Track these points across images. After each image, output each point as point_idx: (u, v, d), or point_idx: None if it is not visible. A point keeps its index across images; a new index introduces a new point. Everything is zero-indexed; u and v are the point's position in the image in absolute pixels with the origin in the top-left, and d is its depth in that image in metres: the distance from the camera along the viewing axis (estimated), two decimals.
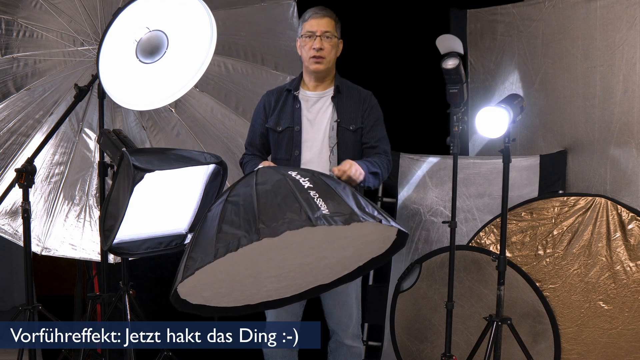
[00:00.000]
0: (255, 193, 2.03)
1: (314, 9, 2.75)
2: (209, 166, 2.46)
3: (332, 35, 2.72)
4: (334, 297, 2.77)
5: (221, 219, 2.01)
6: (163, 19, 2.49)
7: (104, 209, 2.35)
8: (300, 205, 1.97)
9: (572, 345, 3.07)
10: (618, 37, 3.26)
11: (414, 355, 3.33)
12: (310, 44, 2.71)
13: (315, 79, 2.78)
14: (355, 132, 2.75)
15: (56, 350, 3.04)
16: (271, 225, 1.91)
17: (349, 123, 2.74)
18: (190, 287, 2.16)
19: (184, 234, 2.61)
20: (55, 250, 3.06)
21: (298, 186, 2.05)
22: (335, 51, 2.75)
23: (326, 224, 1.94)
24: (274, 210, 1.96)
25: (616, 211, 3.07)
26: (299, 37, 2.77)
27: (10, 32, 2.88)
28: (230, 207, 2.04)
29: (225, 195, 2.11)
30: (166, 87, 2.60)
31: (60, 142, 3.04)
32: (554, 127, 3.56)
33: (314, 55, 2.70)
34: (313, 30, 2.71)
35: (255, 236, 1.91)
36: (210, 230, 2.02)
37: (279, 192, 2.04)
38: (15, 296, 5.11)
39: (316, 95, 2.78)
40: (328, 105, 2.76)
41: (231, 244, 1.92)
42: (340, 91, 2.77)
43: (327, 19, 2.72)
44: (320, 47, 2.70)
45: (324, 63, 2.72)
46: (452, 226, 2.72)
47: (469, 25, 3.91)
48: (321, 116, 2.76)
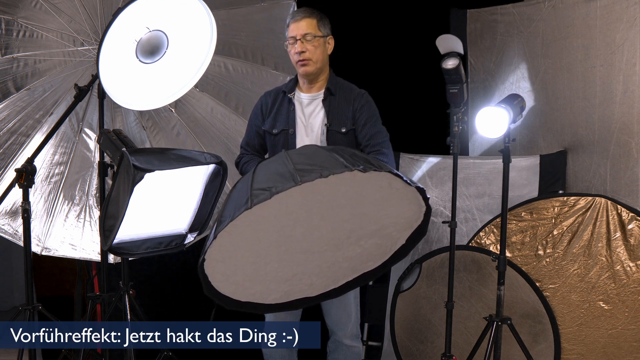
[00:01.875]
0: (287, 155, 2.06)
1: (293, 13, 2.74)
2: (209, 166, 2.46)
3: (314, 36, 2.68)
4: None
5: (252, 183, 2.00)
6: (163, 19, 2.49)
7: (104, 209, 2.35)
8: (335, 159, 1.99)
9: (572, 345, 3.07)
10: (618, 37, 3.26)
11: (414, 355, 3.33)
12: (293, 49, 2.70)
13: (308, 80, 2.77)
14: (347, 134, 2.73)
15: (56, 350, 3.05)
16: (309, 174, 1.92)
17: (339, 126, 2.72)
18: (219, 259, 2.13)
19: (184, 234, 2.61)
20: (55, 250, 3.06)
21: (328, 149, 2.13)
22: (322, 50, 2.71)
23: (363, 168, 1.96)
24: (310, 164, 1.98)
25: (616, 211, 3.07)
26: (285, 43, 2.77)
27: (10, 32, 2.88)
28: (260, 171, 2.06)
29: (250, 172, 2.10)
30: (166, 87, 2.60)
31: (60, 142, 3.04)
32: (554, 127, 3.56)
33: (299, 60, 2.70)
34: (293, 35, 2.69)
35: (292, 182, 1.90)
36: (239, 196, 2.01)
37: (310, 153, 2.09)
38: (15, 296, 5.11)
39: (309, 97, 2.77)
40: (320, 108, 2.75)
41: (267, 192, 1.90)
42: (333, 92, 2.75)
43: (305, 20, 2.68)
44: (302, 50, 2.68)
45: (311, 64, 2.70)
46: (452, 226, 2.72)
47: (469, 25, 3.91)
48: (314, 119, 2.75)
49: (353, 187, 2.10)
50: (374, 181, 2.10)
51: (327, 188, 2.04)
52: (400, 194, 2.18)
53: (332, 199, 2.12)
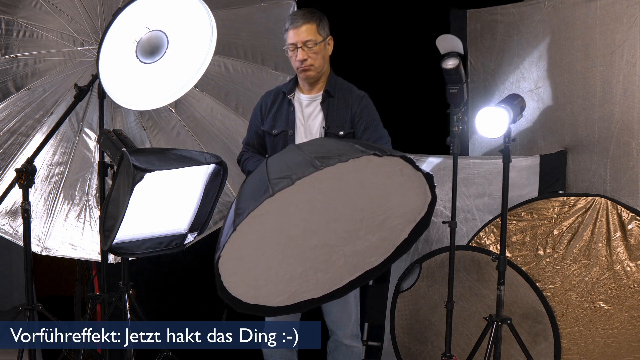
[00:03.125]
0: (298, 147, 2.05)
1: (292, 17, 2.69)
2: (209, 166, 2.46)
3: (315, 43, 2.65)
4: None
5: (267, 174, 1.94)
6: (163, 19, 2.49)
7: (104, 209, 2.35)
8: (350, 145, 1.99)
9: (572, 345, 3.07)
10: (618, 37, 3.26)
11: (414, 355, 3.33)
12: (294, 56, 2.68)
13: (309, 83, 2.76)
14: (345, 137, 2.71)
15: (56, 350, 3.04)
16: (328, 159, 1.88)
17: (337, 129, 2.70)
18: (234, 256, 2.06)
19: (184, 234, 2.61)
20: (55, 250, 3.06)
21: (337, 139, 2.18)
22: (323, 54, 2.70)
23: (378, 153, 1.95)
24: (325, 151, 1.96)
25: (616, 211, 3.07)
26: (284, 48, 2.74)
27: (10, 32, 2.88)
28: (273, 163, 2.03)
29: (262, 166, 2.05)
30: (166, 87, 2.60)
31: (60, 142, 3.04)
32: (554, 127, 3.55)
33: (300, 67, 2.68)
34: (294, 42, 2.66)
35: (312, 168, 1.86)
36: (256, 188, 1.95)
37: (321, 143, 2.09)
38: (15, 296, 5.11)
39: (309, 98, 2.77)
40: (319, 110, 2.75)
41: (287, 180, 1.85)
42: (332, 94, 2.74)
43: (305, 27, 2.64)
44: (304, 59, 2.66)
45: (313, 70, 2.69)
46: (452, 226, 2.72)
47: (469, 25, 3.91)
48: (312, 121, 2.75)
49: (367, 174, 2.10)
50: (386, 167, 2.10)
51: (343, 176, 2.03)
52: (410, 182, 2.19)
53: (347, 187, 2.11)
